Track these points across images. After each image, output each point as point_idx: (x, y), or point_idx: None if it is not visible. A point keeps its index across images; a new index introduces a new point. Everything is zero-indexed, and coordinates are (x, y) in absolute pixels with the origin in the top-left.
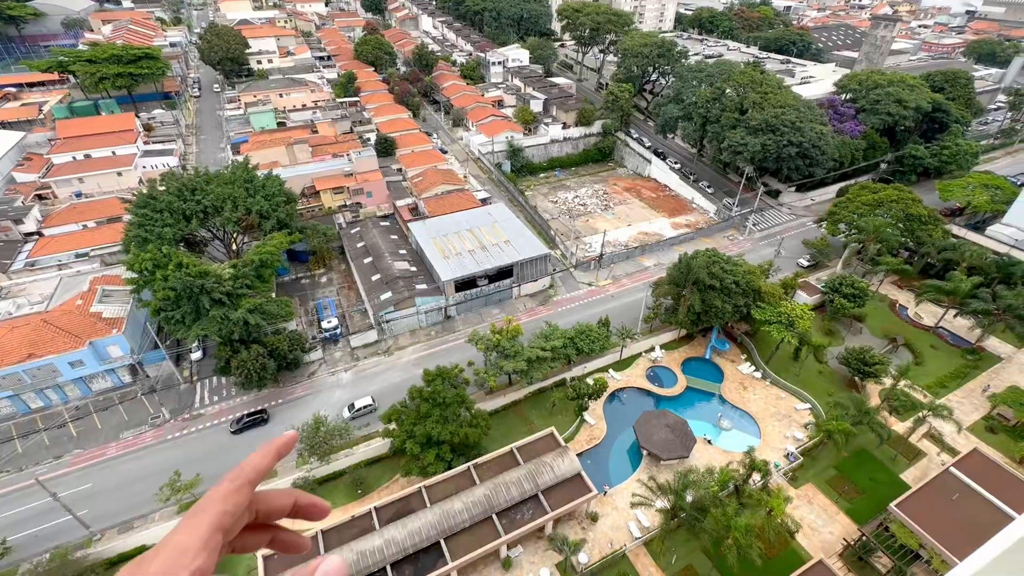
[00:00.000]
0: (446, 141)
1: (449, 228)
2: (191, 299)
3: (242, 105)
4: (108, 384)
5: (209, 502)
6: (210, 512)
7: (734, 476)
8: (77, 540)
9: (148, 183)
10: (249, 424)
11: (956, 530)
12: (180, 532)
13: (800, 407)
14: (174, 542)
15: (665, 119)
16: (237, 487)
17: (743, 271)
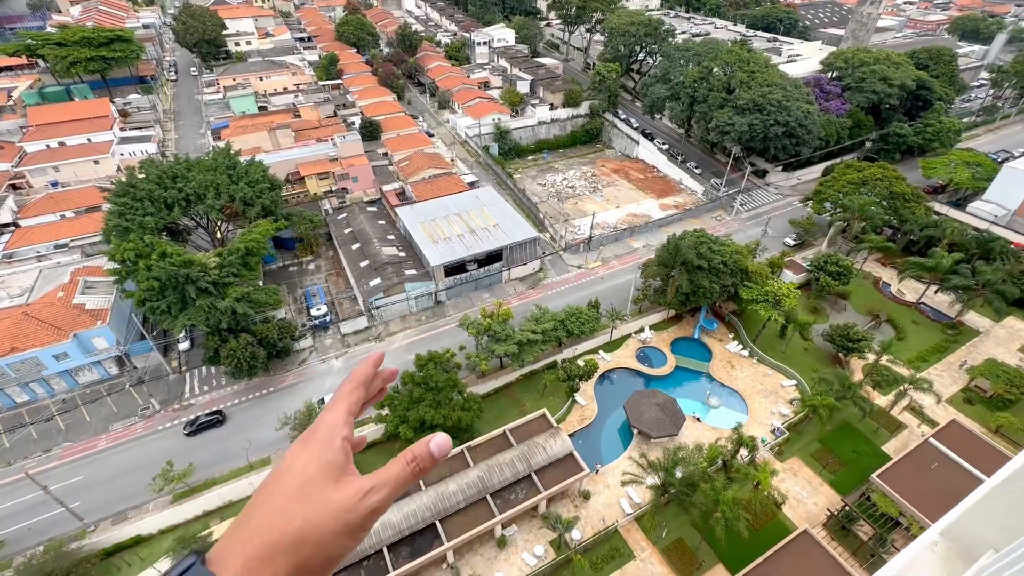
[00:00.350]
0: (432, 124)
1: (437, 212)
2: (176, 289)
3: (221, 89)
4: (95, 376)
5: (340, 396)
6: (343, 403)
7: (722, 452)
8: (71, 532)
9: (127, 171)
10: (204, 426)
11: (934, 498)
12: (328, 413)
13: (786, 383)
14: (326, 420)
15: (652, 99)
16: (353, 388)
17: (730, 251)
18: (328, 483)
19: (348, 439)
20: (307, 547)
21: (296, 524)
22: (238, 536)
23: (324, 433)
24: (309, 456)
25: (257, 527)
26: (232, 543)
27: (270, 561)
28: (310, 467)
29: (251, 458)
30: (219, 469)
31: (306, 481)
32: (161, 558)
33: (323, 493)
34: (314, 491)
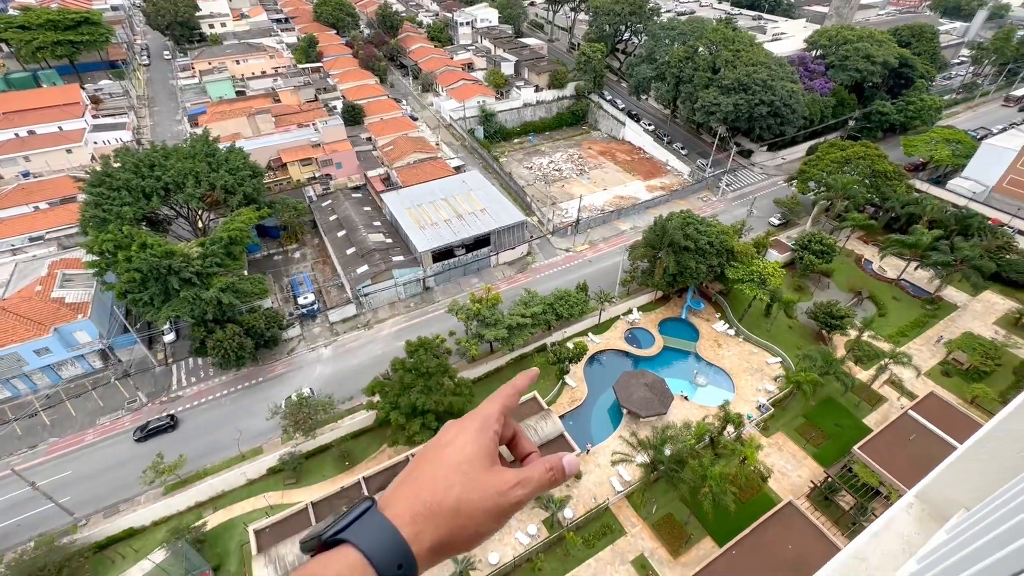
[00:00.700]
0: (416, 107)
1: (423, 198)
2: (159, 280)
3: (197, 73)
4: (78, 371)
5: (498, 396)
6: (499, 401)
7: (709, 429)
8: (61, 527)
9: (102, 160)
10: (155, 432)
11: (912, 467)
12: (487, 406)
13: (771, 361)
14: (484, 411)
15: (638, 80)
16: (512, 393)
17: (717, 231)
18: (483, 467)
19: (498, 433)
20: (462, 517)
21: (455, 494)
22: (405, 491)
23: (481, 422)
24: (467, 439)
25: (422, 488)
26: (400, 496)
27: (432, 519)
28: (468, 448)
29: (242, 448)
30: (210, 460)
31: (464, 460)
32: (155, 549)
33: (478, 474)
34: (471, 470)
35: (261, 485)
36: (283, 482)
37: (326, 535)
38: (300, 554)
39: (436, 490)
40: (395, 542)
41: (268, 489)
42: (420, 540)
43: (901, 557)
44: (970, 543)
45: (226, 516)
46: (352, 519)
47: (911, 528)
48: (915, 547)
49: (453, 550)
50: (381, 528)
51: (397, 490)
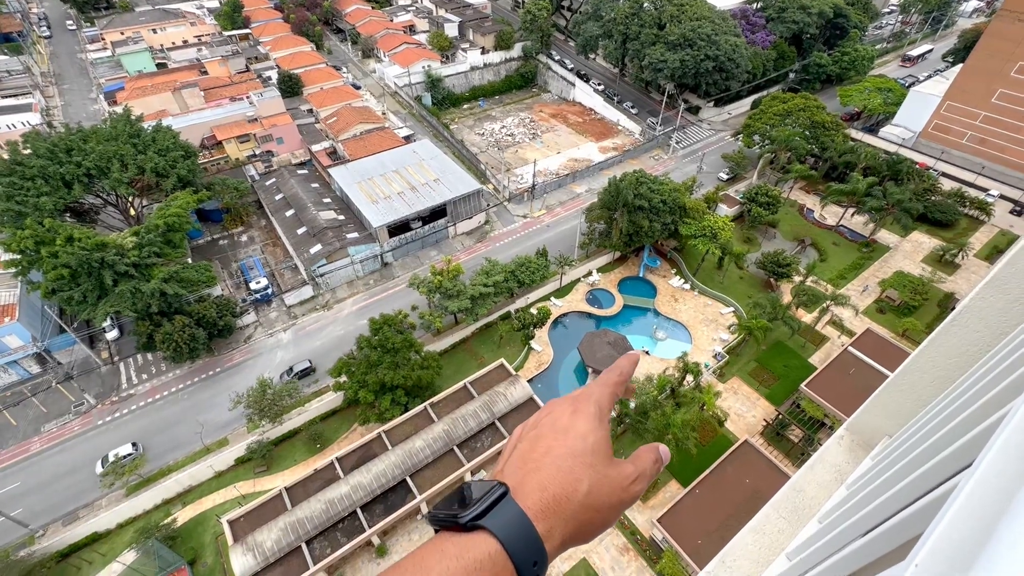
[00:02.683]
0: (358, 75)
1: (373, 171)
2: (91, 275)
3: (108, 45)
4: (13, 378)
5: (608, 382)
6: (610, 388)
7: (670, 380)
8: (16, 540)
9: (8, 146)
10: None
11: (852, 398)
12: (597, 392)
13: (725, 311)
14: (596, 398)
15: (585, 38)
16: (620, 380)
17: (669, 189)
18: (605, 459)
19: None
20: (590, 511)
21: (585, 488)
22: (532, 480)
23: (598, 410)
24: (588, 427)
25: (549, 479)
26: (528, 486)
27: (561, 515)
28: (589, 438)
29: (206, 441)
30: (173, 456)
31: (588, 450)
32: (124, 551)
33: (604, 467)
34: (596, 462)
35: (230, 476)
36: (253, 471)
37: (464, 518)
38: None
39: (565, 483)
40: (532, 538)
41: (238, 479)
42: (551, 537)
43: (833, 486)
44: (890, 468)
45: (196, 510)
46: (490, 504)
47: (842, 458)
48: (845, 475)
49: (574, 545)
50: (520, 521)
51: (523, 478)
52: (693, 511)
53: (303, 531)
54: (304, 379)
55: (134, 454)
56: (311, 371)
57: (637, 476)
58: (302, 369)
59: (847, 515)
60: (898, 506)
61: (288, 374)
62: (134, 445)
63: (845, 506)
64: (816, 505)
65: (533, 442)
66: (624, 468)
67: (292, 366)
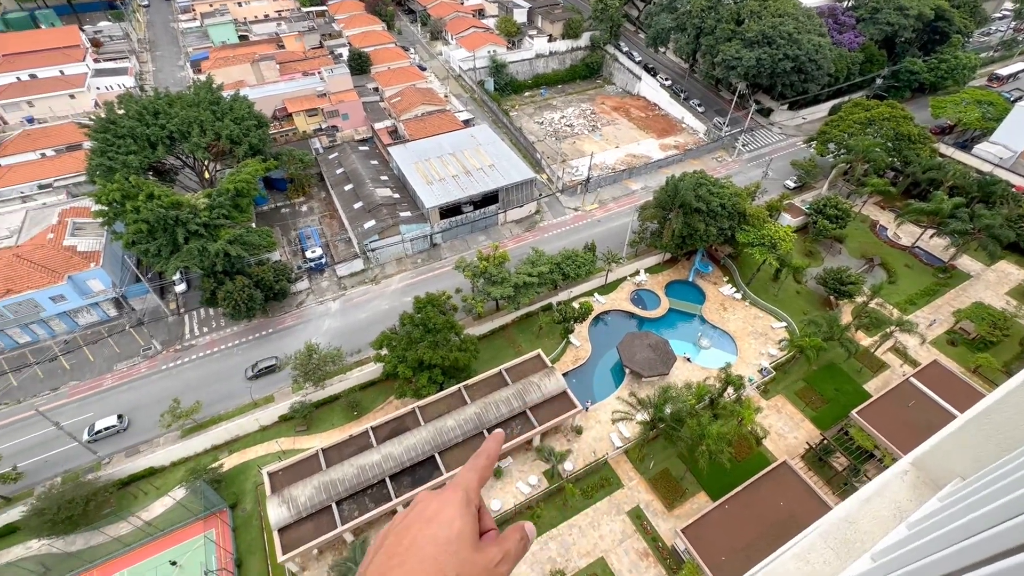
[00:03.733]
0: (424, 57)
1: (431, 152)
2: (166, 231)
3: (198, 16)
4: (94, 318)
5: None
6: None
7: (710, 390)
8: (86, 464)
9: (105, 106)
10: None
11: (909, 433)
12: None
13: (776, 325)
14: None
15: (657, 30)
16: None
17: (729, 193)
18: (471, 544)
19: (479, 507)
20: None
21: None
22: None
23: (464, 496)
24: (453, 514)
25: (413, 572)
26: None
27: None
28: (455, 524)
29: (255, 396)
30: (224, 407)
31: (453, 537)
32: (175, 487)
33: (468, 553)
34: (460, 549)
35: (273, 431)
36: (294, 429)
37: None
38: (312, 496)
39: (429, 573)
40: None
41: (280, 435)
42: None
43: (892, 522)
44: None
45: (241, 459)
46: None
47: (904, 495)
48: (907, 513)
49: None
50: None
51: (385, 574)
52: (720, 526)
53: (335, 492)
54: (265, 377)
55: (117, 426)
56: (275, 368)
57: (502, 557)
58: (266, 366)
59: (909, 557)
60: (975, 559)
61: (252, 369)
62: (119, 417)
63: (906, 547)
64: (870, 541)
65: (399, 535)
66: (489, 551)
67: (257, 362)
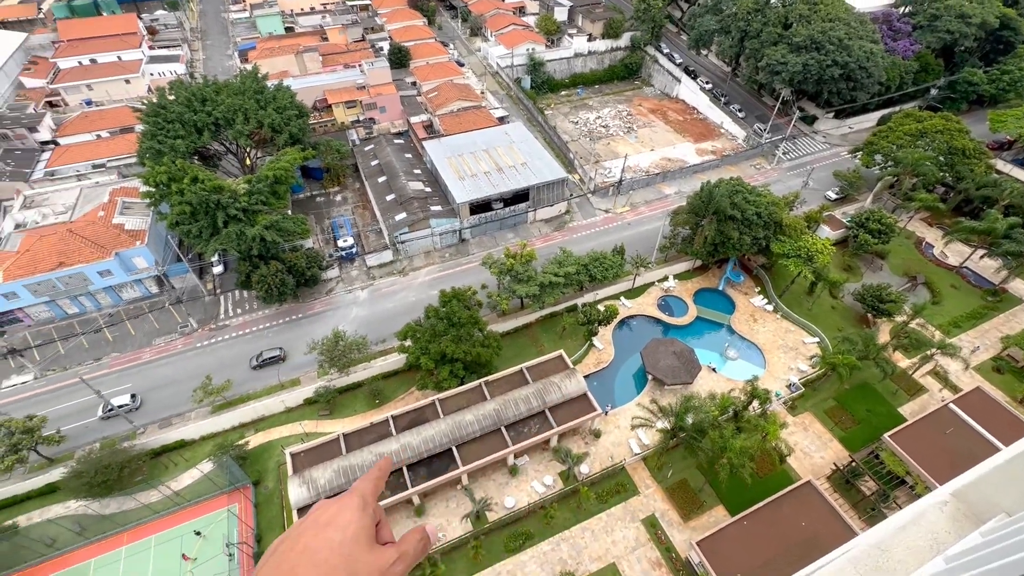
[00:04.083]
0: (463, 52)
1: (465, 148)
2: (208, 214)
3: (247, 7)
4: (137, 294)
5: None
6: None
7: (734, 402)
8: (123, 432)
9: (157, 91)
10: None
11: (945, 460)
12: (361, 486)
13: (808, 340)
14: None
15: (700, 32)
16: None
17: (766, 202)
18: (365, 546)
19: (376, 511)
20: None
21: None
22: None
23: (360, 501)
24: (349, 518)
25: (301, 572)
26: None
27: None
28: (350, 528)
29: (282, 378)
30: (252, 386)
31: (347, 540)
32: (203, 460)
33: (362, 554)
34: (354, 550)
35: (297, 413)
36: (317, 413)
37: None
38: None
39: (318, 574)
40: None
41: (304, 418)
42: None
43: (927, 554)
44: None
45: (266, 438)
46: None
47: (943, 526)
48: (945, 545)
49: None
50: None
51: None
52: (737, 542)
53: (353, 476)
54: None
55: (130, 405)
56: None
57: (398, 557)
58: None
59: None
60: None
61: (256, 359)
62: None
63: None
64: (903, 571)
65: (293, 541)
66: (385, 552)
67: (262, 352)
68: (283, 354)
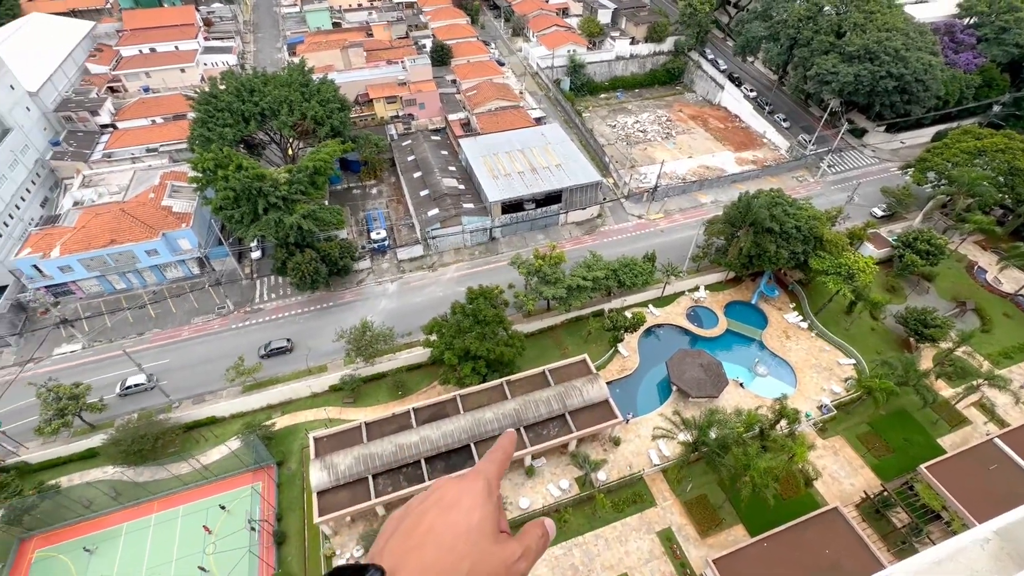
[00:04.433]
0: (504, 52)
1: (500, 147)
2: (249, 200)
3: (298, 2)
4: (180, 274)
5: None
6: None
7: (761, 420)
8: (159, 405)
9: (210, 81)
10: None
11: (986, 497)
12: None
13: (844, 362)
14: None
15: (747, 38)
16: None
17: (807, 216)
18: (491, 536)
19: (499, 498)
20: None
21: (466, 566)
22: (412, 560)
23: (486, 486)
24: (474, 503)
25: (432, 557)
26: (408, 566)
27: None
28: (475, 514)
29: (310, 364)
30: (281, 370)
31: (473, 528)
32: (231, 437)
33: (488, 544)
34: (480, 539)
35: (323, 399)
36: (342, 400)
37: None
38: (351, 465)
39: (445, 563)
40: None
41: (328, 404)
42: None
43: None
44: None
45: (291, 421)
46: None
47: (984, 564)
48: None
49: None
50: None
51: (402, 558)
52: (756, 563)
53: (372, 465)
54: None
55: (145, 384)
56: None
57: (522, 554)
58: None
59: None
60: None
61: (264, 348)
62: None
63: None
64: None
65: (418, 518)
66: (509, 546)
67: (270, 341)
68: (291, 345)
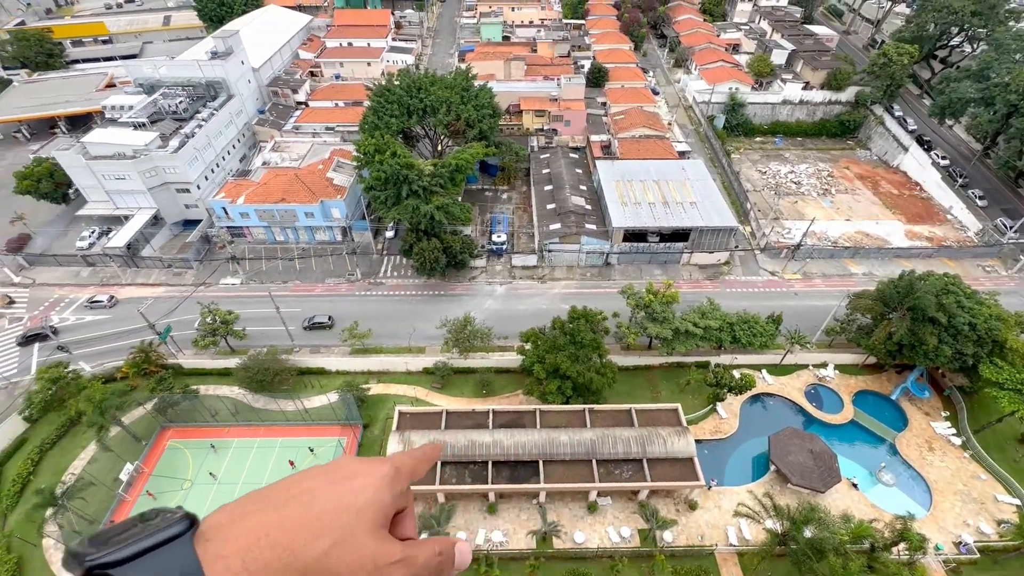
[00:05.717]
0: (661, 81)
1: (636, 174)
2: (395, 185)
3: (477, 14)
4: (326, 237)
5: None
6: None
7: (874, 535)
8: (284, 347)
9: (387, 76)
10: None
11: None
12: (400, 459)
13: (1004, 499)
14: (397, 462)
15: (951, 99)
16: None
17: (987, 314)
18: (370, 526)
19: (404, 495)
20: None
21: (324, 545)
22: (250, 523)
23: (392, 471)
24: (368, 483)
25: (282, 522)
26: (239, 529)
27: (273, 568)
28: (364, 495)
29: (411, 342)
30: (386, 342)
31: (353, 508)
32: (332, 391)
33: (363, 534)
34: (356, 524)
35: (415, 378)
36: (431, 384)
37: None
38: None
39: (299, 532)
40: None
41: (419, 384)
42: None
43: None
44: None
45: (384, 390)
46: (142, 547)
47: None
48: None
49: None
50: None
51: (239, 518)
52: None
53: (444, 453)
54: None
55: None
56: (328, 326)
57: (402, 559)
58: (319, 322)
59: None
60: None
61: (307, 321)
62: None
63: None
64: None
65: (299, 479)
66: (388, 545)
67: (313, 316)
68: (331, 322)
